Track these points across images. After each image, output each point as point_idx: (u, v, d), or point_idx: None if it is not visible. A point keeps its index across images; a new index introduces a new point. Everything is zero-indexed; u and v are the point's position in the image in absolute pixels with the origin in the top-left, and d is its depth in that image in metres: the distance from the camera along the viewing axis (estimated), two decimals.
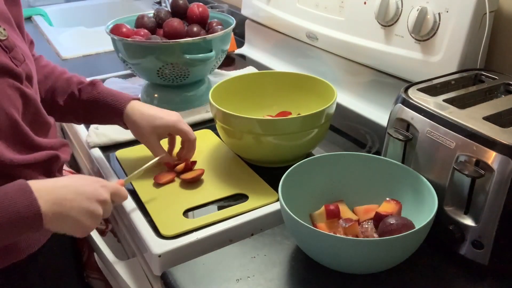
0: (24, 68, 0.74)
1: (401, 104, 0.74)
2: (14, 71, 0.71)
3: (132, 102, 0.89)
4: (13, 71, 0.71)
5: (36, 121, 0.77)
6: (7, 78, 0.70)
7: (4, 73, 0.70)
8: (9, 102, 0.70)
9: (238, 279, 0.67)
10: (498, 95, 0.80)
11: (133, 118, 0.88)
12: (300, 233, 0.66)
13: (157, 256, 0.71)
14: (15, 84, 0.71)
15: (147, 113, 0.88)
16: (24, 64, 0.74)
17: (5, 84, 0.70)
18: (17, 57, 0.73)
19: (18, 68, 0.72)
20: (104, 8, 2.16)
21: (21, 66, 0.73)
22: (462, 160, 0.65)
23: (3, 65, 0.69)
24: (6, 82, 0.70)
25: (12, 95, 0.71)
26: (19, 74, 0.72)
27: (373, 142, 1.00)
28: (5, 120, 0.69)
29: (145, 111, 0.89)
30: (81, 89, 0.90)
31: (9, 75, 0.70)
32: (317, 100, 0.95)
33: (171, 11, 1.21)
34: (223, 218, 0.77)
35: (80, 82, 0.91)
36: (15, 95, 0.71)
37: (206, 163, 0.92)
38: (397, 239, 0.61)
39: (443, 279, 0.67)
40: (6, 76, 0.70)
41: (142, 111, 0.88)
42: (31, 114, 0.75)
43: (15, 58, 0.72)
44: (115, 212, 0.90)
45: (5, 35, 0.72)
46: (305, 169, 0.75)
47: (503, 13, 0.89)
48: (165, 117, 0.88)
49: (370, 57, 1.06)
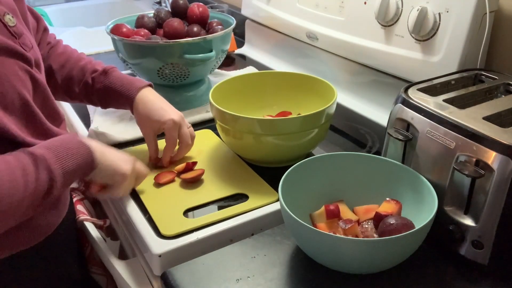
0: (32, 54, 0.75)
1: (401, 104, 0.74)
2: (24, 55, 0.72)
3: (142, 91, 0.91)
4: (24, 55, 0.72)
5: (46, 107, 0.79)
6: (17, 61, 0.71)
7: (15, 55, 0.71)
8: (21, 83, 0.71)
9: (238, 279, 0.67)
10: (498, 95, 0.80)
11: (137, 108, 0.91)
12: (300, 233, 0.66)
13: (158, 256, 0.71)
14: (25, 67, 0.73)
15: (149, 106, 0.90)
16: (32, 51, 0.75)
17: (17, 67, 0.71)
18: (25, 43, 0.74)
19: (27, 53, 0.73)
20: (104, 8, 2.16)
21: (30, 52, 0.74)
22: (462, 160, 0.65)
23: (14, 48, 0.71)
24: (17, 64, 0.71)
25: (23, 76, 0.72)
26: (29, 59, 0.73)
27: (373, 142, 1.00)
28: (18, 100, 0.71)
29: (148, 103, 0.90)
30: (94, 78, 0.93)
31: (20, 58, 0.72)
32: (317, 100, 0.96)
33: (171, 11, 1.21)
34: (223, 218, 0.78)
35: (94, 70, 0.93)
36: (25, 77, 0.72)
37: (206, 163, 0.92)
38: (397, 239, 0.61)
39: (443, 279, 0.67)
40: (17, 58, 0.71)
41: (145, 103, 0.90)
42: (40, 99, 0.77)
43: (24, 44, 0.73)
44: (116, 211, 0.91)
45: (14, 22, 0.73)
46: (305, 169, 0.75)
47: (503, 13, 0.89)
48: (163, 114, 0.89)
49: (370, 57, 1.06)
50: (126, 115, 1.10)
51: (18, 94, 0.71)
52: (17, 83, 0.71)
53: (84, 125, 1.08)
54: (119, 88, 0.91)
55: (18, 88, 0.71)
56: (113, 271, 0.82)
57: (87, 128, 1.06)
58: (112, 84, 0.92)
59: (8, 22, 0.72)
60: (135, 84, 0.92)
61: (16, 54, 0.71)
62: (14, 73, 0.70)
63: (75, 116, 1.12)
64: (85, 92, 0.94)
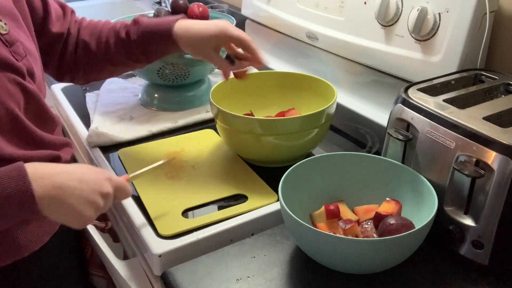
0: (25, 63, 0.73)
1: (401, 104, 0.74)
2: (14, 66, 0.71)
3: (178, 22, 0.86)
4: (14, 65, 0.70)
5: (40, 116, 0.77)
6: (7, 73, 0.70)
7: (4, 67, 0.69)
8: (9, 96, 0.70)
9: (238, 279, 0.67)
10: (498, 95, 0.80)
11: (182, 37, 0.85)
12: (300, 233, 0.66)
13: (158, 256, 0.71)
14: (16, 78, 0.71)
15: (192, 29, 0.85)
16: (25, 59, 0.73)
17: (5, 79, 0.69)
18: (18, 51, 0.72)
19: (18, 63, 0.71)
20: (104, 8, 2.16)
21: (22, 61, 0.73)
22: (462, 160, 0.65)
23: (3, 58, 0.69)
24: (6, 76, 0.69)
25: (13, 89, 0.70)
26: (20, 69, 0.72)
27: (373, 142, 1.00)
28: (5, 115, 0.69)
29: (190, 26, 0.86)
30: (127, 31, 0.89)
31: (9, 69, 0.70)
32: (317, 100, 0.95)
33: (171, 11, 1.21)
34: (223, 218, 0.77)
35: (124, 26, 0.90)
36: (15, 89, 0.71)
37: (207, 163, 0.92)
38: (397, 239, 0.61)
39: (443, 279, 0.67)
40: (7, 70, 0.70)
41: (187, 28, 0.85)
42: (33, 110, 0.75)
43: (15, 53, 0.72)
44: (116, 211, 0.91)
45: (6, 30, 0.72)
46: (305, 169, 0.75)
47: (503, 13, 0.89)
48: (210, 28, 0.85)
49: (370, 57, 1.06)
50: (126, 115, 1.10)
51: (6, 109, 0.69)
52: (5, 97, 0.69)
53: (84, 125, 1.08)
54: (155, 28, 0.87)
55: (6, 103, 0.69)
56: (113, 271, 0.82)
57: (87, 128, 1.06)
58: (147, 28, 0.87)
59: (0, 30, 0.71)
60: (169, 19, 0.87)
61: (6, 65, 0.69)
62: (3, 87, 0.69)
63: (75, 116, 1.12)
64: (123, 48, 0.89)
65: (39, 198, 0.61)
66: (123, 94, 1.21)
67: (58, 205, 0.63)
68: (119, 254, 0.93)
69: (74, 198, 0.63)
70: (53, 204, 0.62)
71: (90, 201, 0.65)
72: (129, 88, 1.24)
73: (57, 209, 0.63)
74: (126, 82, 1.28)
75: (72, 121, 1.11)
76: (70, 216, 0.65)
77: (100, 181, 0.67)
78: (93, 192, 0.65)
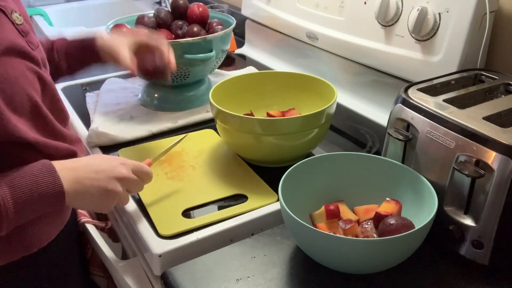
0: (38, 53, 0.75)
1: (401, 104, 0.74)
2: (31, 54, 0.72)
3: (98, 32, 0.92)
4: (30, 54, 0.72)
5: (54, 107, 0.78)
6: (26, 61, 0.71)
7: (23, 56, 0.70)
8: (29, 84, 0.71)
9: (238, 279, 0.67)
10: (498, 95, 0.80)
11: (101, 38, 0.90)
12: (300, 233, 0.66)
13: (158, 256, 0.71)
14: (34, 67, 0.72)
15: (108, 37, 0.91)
16: (38, 50, 0.75)
17: (25, 67, 0.70)
18: (32, 41, 0.74)
19: (34, 52, 0.73)
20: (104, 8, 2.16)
21: (36, 51, 0.74)
22: (462, 160, 0.65)
23: (22, 47, 0.70)
24: (25, 65, 0.70)
25: (32, 78, 0.71)
26: (36, 58, 0.73)
27: (373, 142, 1.00)
28: (27, 101, 0.70)
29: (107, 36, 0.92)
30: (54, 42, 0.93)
31: (27, 58, 0.71)
32: (317, 100, 0.95)
33: (171, 11, 1.21)
34: (223, 218, 0.78)
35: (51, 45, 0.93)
36: (34, 78, 0.72)
37: (207, 163, 0.92)
38: (397, 239, 0.61)
39: (443, 279, 0.67)
40: (25, 59, 0.71)
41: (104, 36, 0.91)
42: (49, 99, 0.76)
43: (30, 43, 0.73)
44: (116, 211, 0.91)
45: (21, 20, 0.73)
46: (305, 169, 0.75)
47: (503, 13, 0.89)
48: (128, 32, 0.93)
49: (370, 57, 1.06)
50: (126, 115, 1.10)
51: (27, 96, 0.70)
52: (26, 84, 0.70)
53: (84, 125, 1.08)
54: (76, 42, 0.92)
55: (27, 90, 0.70)
56: (114, 271, 0.82)
57: (87, 128, 1.06)
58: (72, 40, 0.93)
59: (15, 20, 0.71)
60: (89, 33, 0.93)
61: (24, 54, 0.71)
62: (23, 74, 0.70)
63: (75, 116, 1.12)
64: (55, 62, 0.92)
65: (66, 193, 0.67)
66: (123, 94, 1.21)
67: (81, 197, 0.70)
68: (119, 254, 0.93)
69: (94, 188, 0.70)
70: (77, 196, 0.69)
71: (108, 189, 0.71)
72: (129, 88, 1.24)
73: (80, 200, 0.70)
74: (126, 82, 1.28)
75: (72, 121, 1.11)
76: (93, 204, 0.73)
77: (114, 168, 0.73)
78: (109, 180, 0.71)
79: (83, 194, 0.69)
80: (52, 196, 0.66)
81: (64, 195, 0.67)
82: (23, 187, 0.64)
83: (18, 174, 0.66)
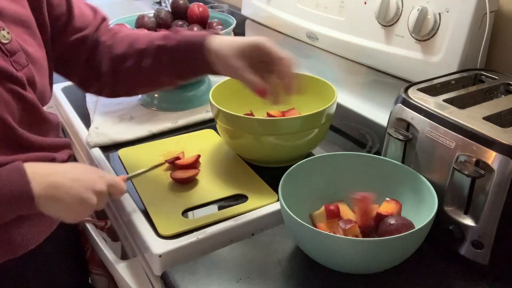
0: (25, 72, 0.73)
1: (401, 104, 0.74)
2: (13, 75, 0.70)
3: (210, 36, 0.77)
4: (13, 75, 0.70)
5: (35, 123, 0.77)
6: (5, 82, 0.69)
7: (2, 77, 0.69)
8: (4, 106, 0.69)
9: (238, 279, 0.67)
10: (498, 95, 0.80)
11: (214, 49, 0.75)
12: (300, 233, 0.66)
13: (158, 256, 0.71)
14: (14, 88, 0.70)
15: (226, 39, 0.76)
16: (26, 69, 0.73)
17: (2, 88, 0.69)
18: (18, 61, 0.72)
19: (18, 73, 0.71)
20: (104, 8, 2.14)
21: (23, 71, 0.72)
22: (462, 160, 0.65)
23: (2, 68, 0.69)
24: (4, 86, 0.69)
25: (8, 99, 0.70)
26: (20, 79, 0.71)
27: (373, 142, 1.00)
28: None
29: (225, 38, 0.77)
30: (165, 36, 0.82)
31: (8, 79, 0.70)
32: (317, 100, 0.95)
33: (171, 11, 1.21)
34: (223, 218, 0.77)
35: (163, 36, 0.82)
36: (11, 99, 0.70)
37: (207, 163, 0.92)
38: (397, 239, 0.61)
39: (443, 279, 0.67)
40: (5, 79, 0.69)
41: (221, 40, 0.77)
42: (29, 117, 0.75)
43: (16, 62, 0.71)
44: (116, 211, 0.91)
45: (8, 39, 0.71)
46: (305, 169, 0.75)
47: (503, 13, 0.89)
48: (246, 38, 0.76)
49: (370, 57, 1.06)
50: (126, 115, 1.10)
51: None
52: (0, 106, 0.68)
53: (84, 125, 1.08)
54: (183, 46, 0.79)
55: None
56: (114, 271, 0.82)
57: (87, 128, 1.06)
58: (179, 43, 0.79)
59: (1, 39, 0.70)
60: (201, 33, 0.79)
61: (5, 75, 0.69)
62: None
63: (75, 116, 1.12)
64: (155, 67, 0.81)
65: (37, 197, 0.65)
66: None
67: (54, 202, 0.67)
68: (119, 253, 0.93)
69: (69, 196, 0.67)
70: (49, 201, 0.66)
71: (84, 199, 0.68)
72: None
73: (52, 206, 0.67)
74: None
75: (72, 121, 1.11)
76: (65, 212, 0.69)
77: (93, 180, 0.70)
78: (87, 190, 0.68)
79: (58, 200, 0.66)
80: (20, 198, 0.64)
81: (33, 199, 0.64)
82: None
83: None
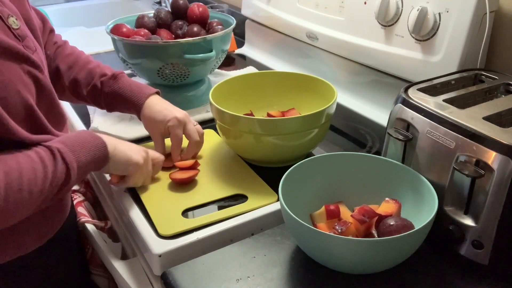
0: (36, 56, 0.75)
1: (401, 104, 0.74)
2: (30, 58, 0.72)
3: (150, 98, 0.92)
4: (29, 57, 0.72)
5: (51, 111, 0.78)
6: (22, 64, 0.71)
7: (20, 59, 0.71)
8: (25, 87, 0.71)
9: (238, 279, 0.67)
10: (498, 95, 0.80)
11: (144, 114, 0.91)
12: (300, 233, 0.66)
13: (158, 256, 0.71)
14: (31, 70, 0.72)
15: (153, 109, 0.91)
16: (36, 53, 0.75)
17: (21, 71, 0.71)
18: (29, 46, 0.74)
19: (32, 56, 0.73)
20: (104, 8, 2.16)
21: (34, 55, 0.74)
22: (462, 160, 0.65)
23: (19, 51, 0.70)
24: (22, 68, 0.71)
25: (27, 81, 0.72)
26: (36, 62, 0.73)
27: (373, 142, 1.00)
28: (20, 103, 0.70)
29: (153, 107, 0.91)
30: (103, 82, 0.93)
31: (24, 61, 0.71)
32: (317, 100, 0.96)
33: (171, 11, 1.21)
34: (223, 218, 0.78)
35: (103, 74, 0.94)
36: (29, 81, 0.72)
37: (207, 163, 0.93)
38: (397, 240, 0.61)
39: (443, 279, 0.67)
40: (22, 62, 0.71)
41: (151, 107, 0.91)
42: (46, 103, 0.77)
43: (27, 47, 0.73)
44: (115, 211, 0.91)
45: (18, 25, 0.73)
46: (305, 169, 0.75)
47: (503, 13, 0.89)
48: (167, 114, 0.89)
49: (370, 57, 1.06)
50: (126, 115, 1.10)
51: (21, 99, 0.70)
52: (21, 87, 0.70)
53: (84, 125, 1.08)
54: (128, 94, 0.92)
55: (21, 93, 0.70)
56: (114, 271, 0.82)
57: (87, 128, 1.06)
58: (121, 90, 0.92)
59: (12, 24, 0.72)
60: (144, 91, 0.92)
61: (21, 57, 0.71)
62: (18, 78, 0.70)
63: (75, 116, 1.12)
64: (92, 95, 0.94)
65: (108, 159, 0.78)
66: None
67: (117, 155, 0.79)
68: (119, 254, 0.93)
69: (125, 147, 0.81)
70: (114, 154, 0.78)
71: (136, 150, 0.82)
72: None
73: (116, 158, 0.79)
74: None
75: (72, 121, 1.11)
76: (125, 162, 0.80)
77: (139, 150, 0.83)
78: (135, 148, 0.82)
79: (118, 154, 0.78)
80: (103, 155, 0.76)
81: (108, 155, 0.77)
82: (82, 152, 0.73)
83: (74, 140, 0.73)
